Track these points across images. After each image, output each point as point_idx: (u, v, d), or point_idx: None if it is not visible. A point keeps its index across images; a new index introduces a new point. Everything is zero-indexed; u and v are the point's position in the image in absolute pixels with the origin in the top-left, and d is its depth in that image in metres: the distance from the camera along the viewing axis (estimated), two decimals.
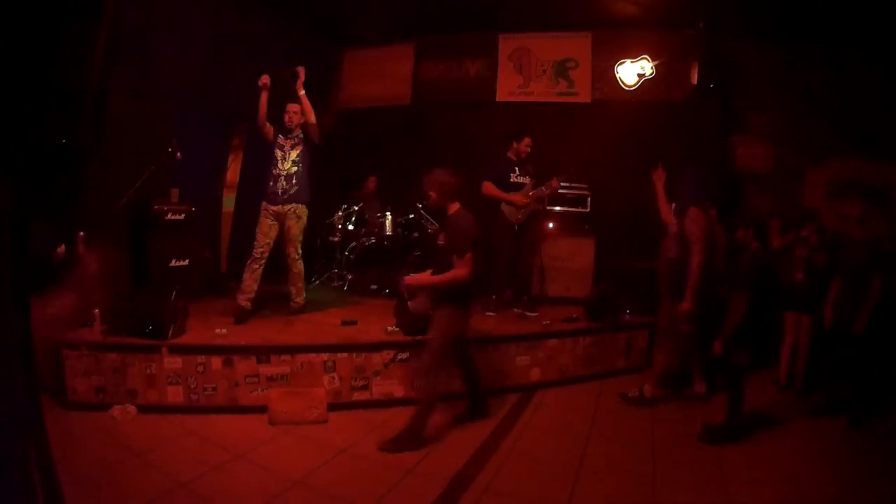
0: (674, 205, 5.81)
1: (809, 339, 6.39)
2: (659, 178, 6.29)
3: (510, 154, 7.51)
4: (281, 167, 6.47)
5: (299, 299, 6.81)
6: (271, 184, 6.47)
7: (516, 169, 7.44)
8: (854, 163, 7.86)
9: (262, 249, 6.40)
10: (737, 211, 7.14)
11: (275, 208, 6.45)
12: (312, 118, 6.49)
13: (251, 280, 6.39)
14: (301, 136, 6.55)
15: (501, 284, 7.53)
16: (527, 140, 7.44)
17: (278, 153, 6.50)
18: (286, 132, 6.53)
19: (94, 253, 5.17)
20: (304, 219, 6.61)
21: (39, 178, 1.74)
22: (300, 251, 6.67)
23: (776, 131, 8.39)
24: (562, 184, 7.58)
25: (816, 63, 8.07)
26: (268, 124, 6.42)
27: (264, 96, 6.29)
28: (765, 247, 5.18)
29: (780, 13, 7.25)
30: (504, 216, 7.34)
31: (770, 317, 6.58)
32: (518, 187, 7.38)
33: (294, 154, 6.52)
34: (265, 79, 6.27)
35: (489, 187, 7.33)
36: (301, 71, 6.42)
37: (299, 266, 6.70)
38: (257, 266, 6.40)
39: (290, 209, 6.47)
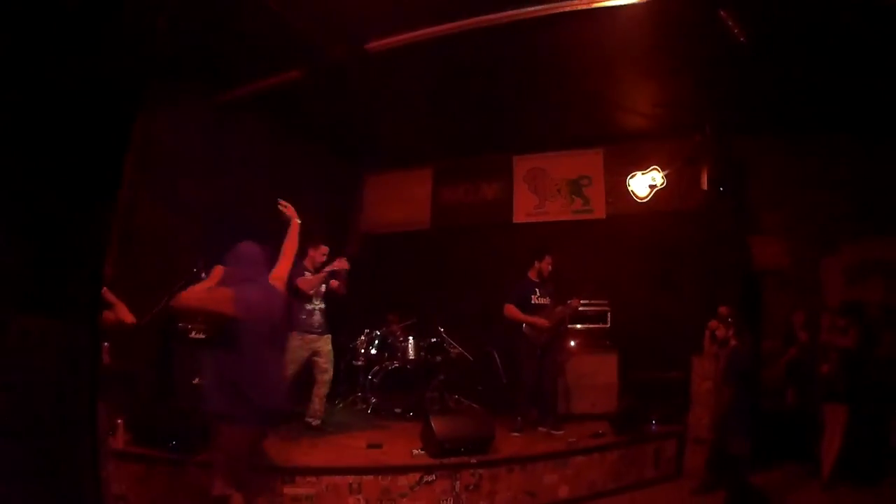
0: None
1: (845, 429, 6.26)
2: None
3: (531, 274, 7.59)
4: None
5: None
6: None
7: (537, 290, 7.50)
8: (869, 243, 7.86)
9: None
10: (758, 312, 7.17)
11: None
12: None
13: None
14: None
15: (525, 405, 7.45)
16: (548, 259, 7.54)
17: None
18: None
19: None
20: None
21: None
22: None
23: (788, 225, 8.44)
24: (581, 302, 7.65)
25: (821, 150, 8.19)
26: None
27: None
28: (743, 343, 5.41)
29: (781, 106, 7.56)
30: (526, 337, 7.34)
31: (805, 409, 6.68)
32: (540, 309, 7.41)
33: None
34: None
35: (511, 309, 7.38)
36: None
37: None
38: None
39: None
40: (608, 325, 8.60)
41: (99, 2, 1.96)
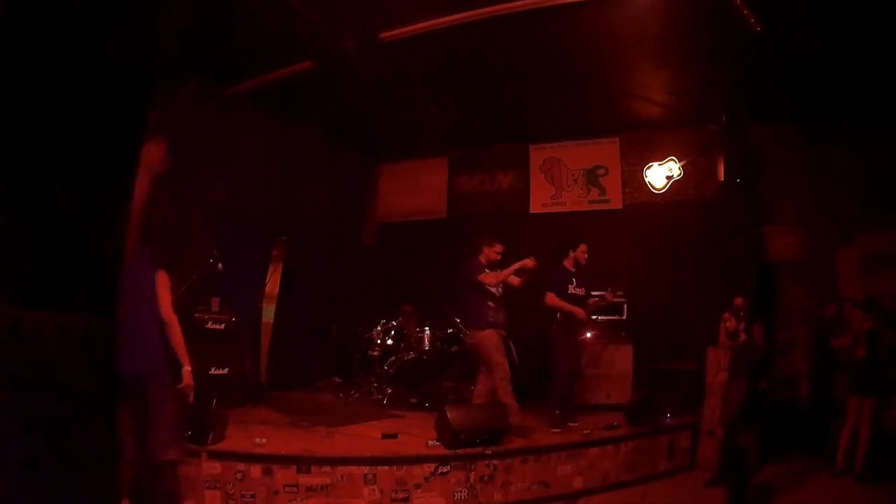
0: None
1: (871, 423, 6.24)
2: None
3: (567, 263, 7.42)
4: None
5: None
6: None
7: (573, 280, 7.35)
8: (884, 234, 7.78)
9: None
10: (774, 304, 7.13)
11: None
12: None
13: None
14: None
15: (561, 397, 7.25)
16: (583, 247, 7.40)
17: None
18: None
19: None
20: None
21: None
22: None
23: (804, 216, 8.37)
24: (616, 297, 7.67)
25: (836, 140, 8.13)
26: None
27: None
28: (753, 336, 5.43)
29: (796, 94, 7.51)
30: (563, 329, 7.22)
31: (826, 401, 6.72)
32: (575, 298, 7.29)
33: None
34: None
35: (553, 298, 7.19)
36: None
37: None
38: None
39: None
40: (624, 317, 8.57)
41: None
